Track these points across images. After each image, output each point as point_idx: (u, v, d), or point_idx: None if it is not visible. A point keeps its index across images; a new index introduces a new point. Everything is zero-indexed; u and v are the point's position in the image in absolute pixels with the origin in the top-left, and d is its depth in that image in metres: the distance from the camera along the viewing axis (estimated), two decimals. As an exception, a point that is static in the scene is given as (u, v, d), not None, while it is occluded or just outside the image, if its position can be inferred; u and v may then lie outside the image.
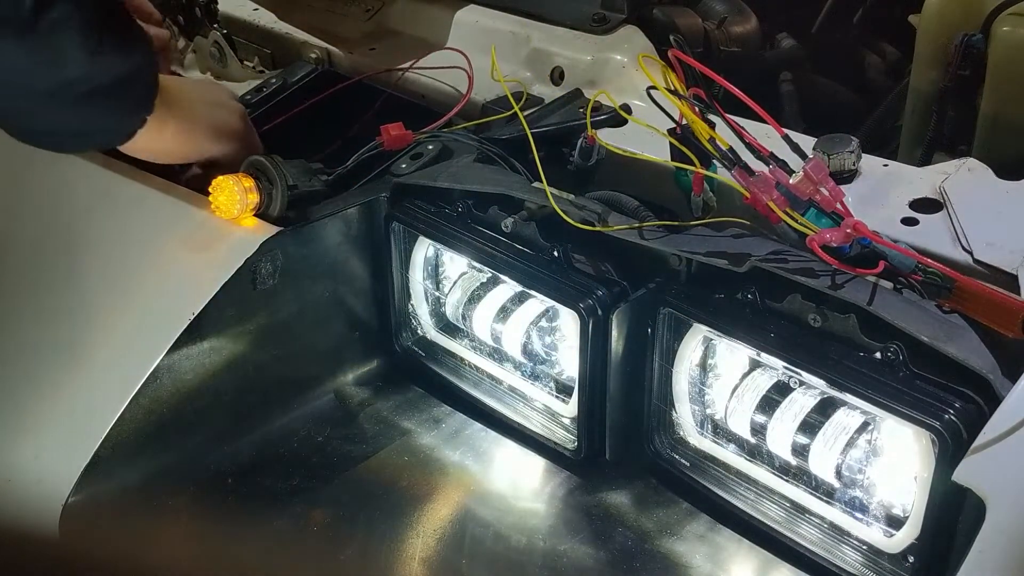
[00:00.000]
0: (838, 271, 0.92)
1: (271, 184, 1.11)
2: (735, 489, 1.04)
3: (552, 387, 1.16)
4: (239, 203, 1.10)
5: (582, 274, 1.07)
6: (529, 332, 1.14)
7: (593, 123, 1.17)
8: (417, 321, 1.26)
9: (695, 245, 1.01)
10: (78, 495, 1.01)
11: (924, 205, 1.04)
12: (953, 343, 0.87)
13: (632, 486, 1.10)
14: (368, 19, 1.61)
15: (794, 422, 0.97)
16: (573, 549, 1.03)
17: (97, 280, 1.15)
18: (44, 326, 1.15)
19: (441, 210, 1.17)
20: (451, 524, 1.07)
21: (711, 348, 1.05)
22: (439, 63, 1.41)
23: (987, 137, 1.43)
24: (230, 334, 1.11)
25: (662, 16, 1.47)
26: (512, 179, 1.16)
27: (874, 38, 1.92)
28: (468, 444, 1.17)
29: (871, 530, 0.95)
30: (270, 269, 1.11)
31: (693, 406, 1.07)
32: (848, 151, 1.08)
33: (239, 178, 1.10)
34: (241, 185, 1.10)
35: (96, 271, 1.16)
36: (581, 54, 1.36)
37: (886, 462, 0.94)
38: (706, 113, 0.98)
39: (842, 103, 1.83)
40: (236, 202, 1.10)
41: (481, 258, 1.14)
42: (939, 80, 1.48)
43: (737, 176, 0.95)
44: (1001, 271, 0.94)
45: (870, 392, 0.89)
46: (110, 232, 1.20)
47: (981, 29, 1.42)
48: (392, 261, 1.22)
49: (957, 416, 0.84)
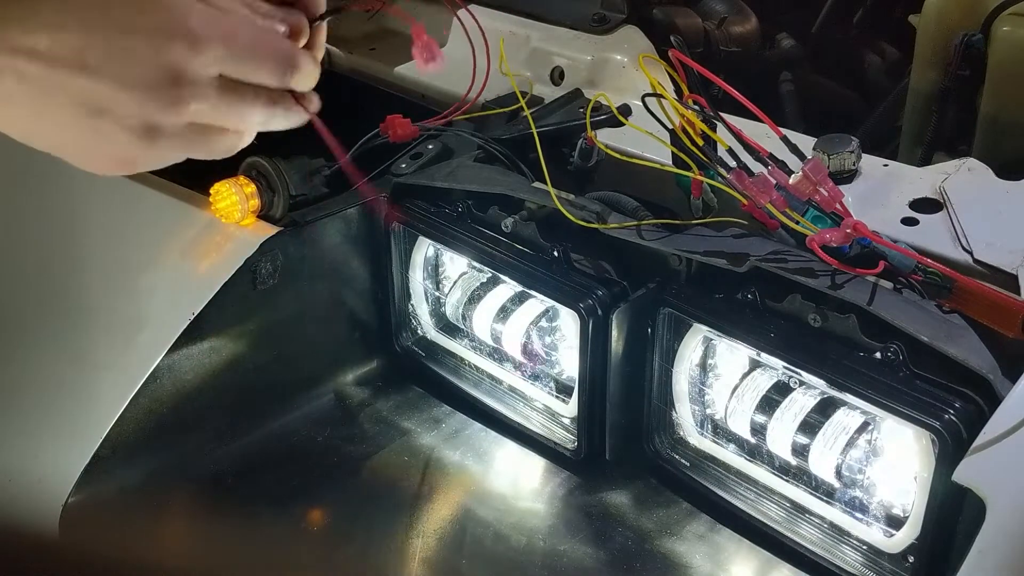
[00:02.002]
0: (838, 271, 0.92)
1: (273, 191, 1.11)
2: (735, 489, 1.04)
3: (552, 387, 1.16)
4: (240, 210, 1.10)
5: (582, 274, 1.07)
6: (529, 332, 1.14)
7: (593, 123, 1.17)
8: (417, 321, 1.26)
9: (695, 245, 1.01)
10: (78, 495, 1.01)
11: (924, 205, 1.04)
12: (953, 343, 0.87)
13: (632, 486, 1.10)
14: (368, 19, 1.61)
15: (794, 422, 0.97)
16: (573, 549, 1.03)
17: (97, 280, 1.15)
18: (44, 326, 1.15)
19: (441, 210, 1.17)
20: (451, 524, 1.07)
21: (711, 348, 1.05)
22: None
23: (987, 137, 1.43)
24: (230, 334, 1.11)
25: (662, 16, 1.48)
26: (512, 179, 1.16)
27: (874, 38, 1.92)
28: (468, 444, 1.17)
29: (871, 530, 0.95)
30: (270, 269, 1.11)
31: (693, 406, 1.07)
32: (848, 151, 1.08)
33: (240, 184, 1.10)
34: (242, 192, 1.10)
35: (96, 271, 1.16)
36: (581, 54, 1.36)
37: (886, 462, 0.94)
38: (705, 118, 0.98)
39: (842, 103, 1.83)
40: (237, 209, 1.10)
41: (481, 258, 1.14)
42: (939, 80, 1.49)
43: (734, 181, 0.95)
44: (1001, 271, 0.94)
45: (870, 392, 0.88)
46: (110, 232, 1.20)
47: (981, 29, 1.42)
48: (392, 261, 1.22)
49: (957, 416, 0.84)
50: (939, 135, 1.49)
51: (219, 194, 1.10)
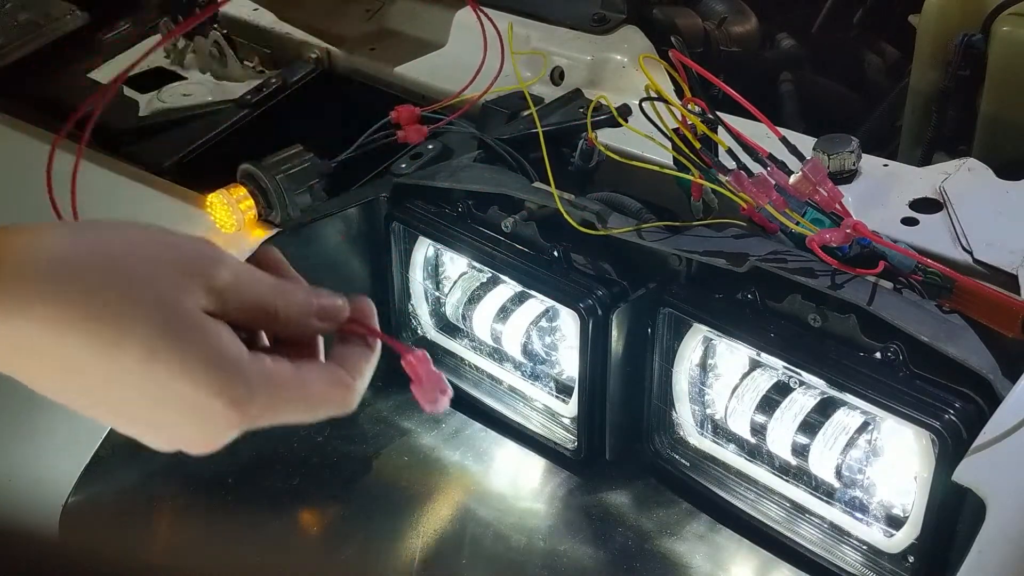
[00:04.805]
0: (838, 271, 0.92)
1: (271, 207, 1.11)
2: (735, 489, 1.04)
3: (552, 387, 1.16)
4: (235, 218, 1.10)
5: (582, 274, 1.07)
6: (529, 332, 1.14)
7: (593, 123, 1.16)
8: (417, 321, 1.25)
9: (695, 245, 1.01)
10: (78, 495, 1.01)
11: (924, 205, 1.04)
12: (953, 343, 0.87)
13: (632, 486, 1.10)
14: (368, 19, 1.61)
15: (794, 422, 0.97)
16: (573, 549, 1.03)
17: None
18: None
19: (441, 210, 1.17)
20: (451, 524, 1.07)
21: (711, 348, 1.05)
22: (439, 63, 1.41)
23: (987, 137, 1.43)
24: (230, 334, 1.11)
25: (662, 16, 1.48)
26: (512, 179, 1.16)
27: (874, 38, 1.92)
28: (468, 444, 1.17)
29: (871, 530, 0.95)
30: (270, 269, 1.11)
31: (693, 406, 1.07)
32: (848, 151, 1.08)
33: (231, 195, 1.10)
34: (236, 206, 1.09)
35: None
36: (581, 54, 1.36)
37: (886, 462, 0.94)
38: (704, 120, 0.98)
39: (842, 103, 1.83)
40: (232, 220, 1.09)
41: (481, 258, 1.14)
42: (939, 80, 1.48)
43: (733, 183, 0.95)
44: (1001, 271, 0.94)
45: (870, 392, 0.88)
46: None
47: (981, 29, 1.42)
48: (392, 261, 1.22)
49: (957, 416, 0.84)
50: (939, 135, 1.49)
51: (211, 205, 1.10)
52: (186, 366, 0.53)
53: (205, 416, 0.55)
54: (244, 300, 0.57)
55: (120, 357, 0.52)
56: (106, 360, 0.52)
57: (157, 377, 0.53)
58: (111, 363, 0.52)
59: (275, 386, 0.56)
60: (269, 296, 0.58)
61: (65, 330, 0.51)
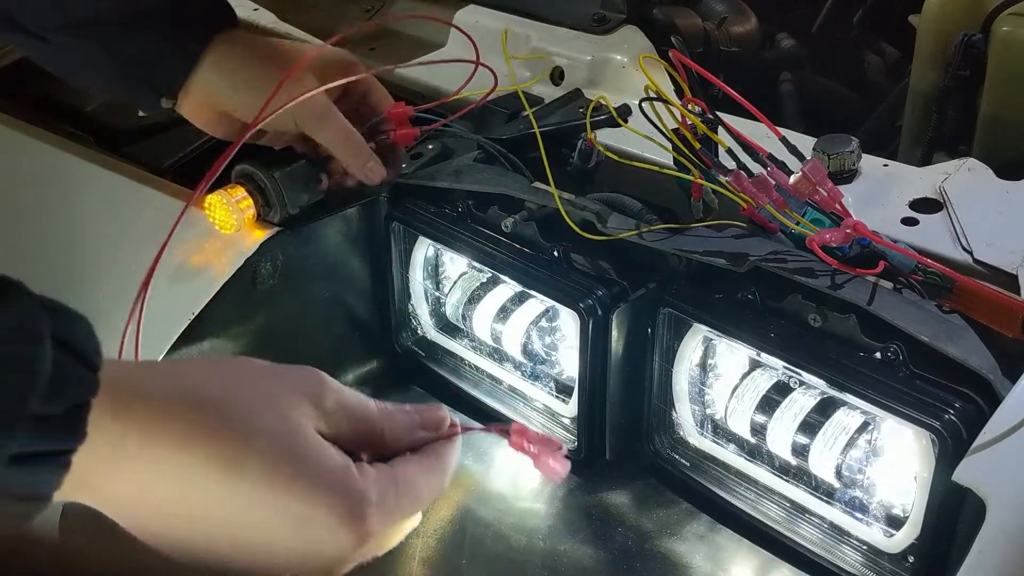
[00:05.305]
0: (838, 271, 0.92)
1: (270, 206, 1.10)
2: (735, 489, 1.04)
3: (552, 387, 1.16)
4: (235, 218, 1.09)
5: (582, 274, 1.07)
6: (529, 332, 1.14)
7: (593, 123, 1.16)
8: (417, 321, 1.26)
9: (695, 245, 1.01)
10: (78, 495, 1.01)
11: (924, 205, 1.04)
12: (953, 343, 0.87)
13: (632, 486, 1.10)
14: (368, 19, 1.61)
15: (794, 422, 0.97)
16: (573, 549, 1.03)
17: (97, 279, 1.15)
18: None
19: (441, 210, 1.17)
20: (451, 524, 1.07)
21: (711, 348, 1.05)
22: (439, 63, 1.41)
23: (987, 137, 1.42)
24: (230, 334, 1.11)
25: (662, 16, 1.47)
26: (512, 179, 1.16)
27: (874, 38, 1.92)
28: (468, 444, 1.16)
29: (871, 530, 0.95)
30: (270, 269, 1.11)
31: (693, 406, 1.07)
32: (848, 151, 1.08)
33: (230, 195, 1.10)
34: (236, 206, 1.09)
35: (96, 270, 1.16)
36: (581, 54, 1.35)
37: (886, 462, 0.94)
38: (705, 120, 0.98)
39: (842, 103, 1.83)
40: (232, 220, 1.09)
41: (481, 258, 1.14)
42: (939, 80, 1.48)
43: (733, 183, 0.95)
44: (1001, 271, 0.94)
45: (870, 392, 0.88)
46: (110, 231, 1.20)
47: (981, 29, 1.42)
48: (392, 261, 1.22)
49: (957, 416, 0.84)
50: (939, 135, 1.49)
51: (211, 206, 1.10)
52: (304, 482, 0.55)
53: (322, 538, 0.57)
54: (353, 422, 0.61)
55: (241, 474, 0.55)
56: (227, 475, 0.55)
57: (276, 494, 0.55)
58: (232, 479, 0.55)
59: (383, 491, 0.59)
60: (376, 417, 0.62)
61: (190, 448, 0.54)
